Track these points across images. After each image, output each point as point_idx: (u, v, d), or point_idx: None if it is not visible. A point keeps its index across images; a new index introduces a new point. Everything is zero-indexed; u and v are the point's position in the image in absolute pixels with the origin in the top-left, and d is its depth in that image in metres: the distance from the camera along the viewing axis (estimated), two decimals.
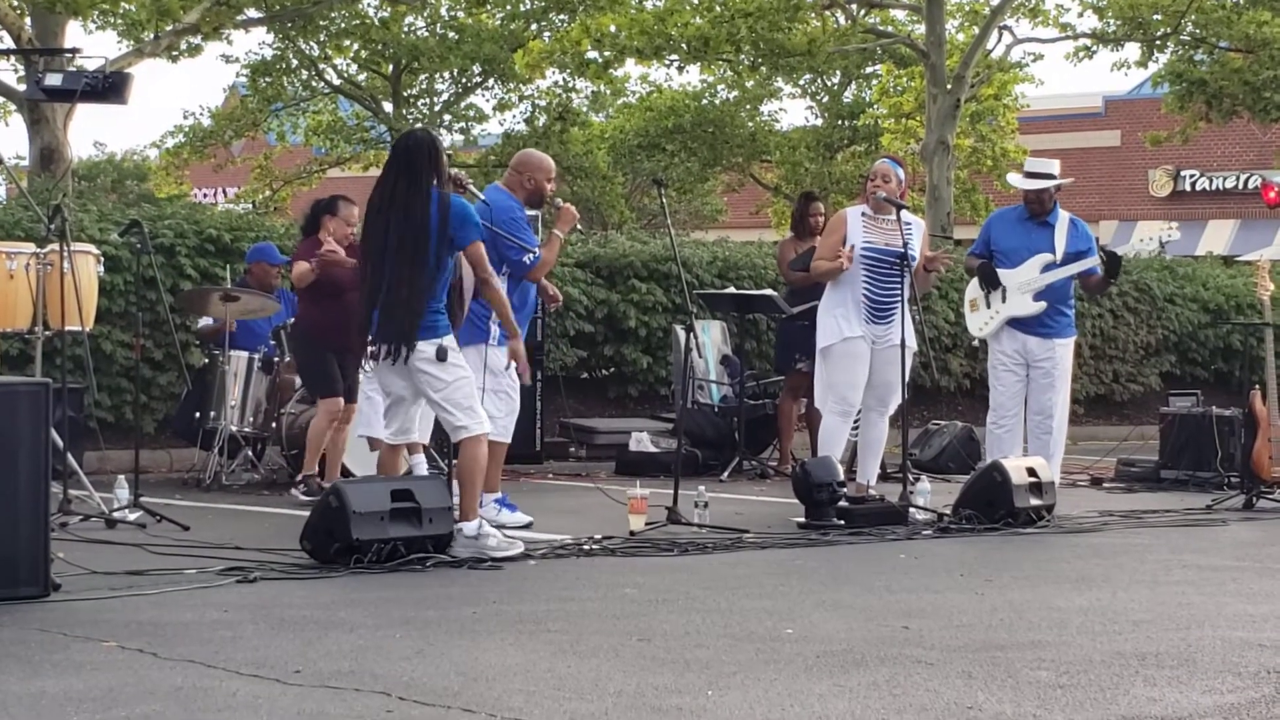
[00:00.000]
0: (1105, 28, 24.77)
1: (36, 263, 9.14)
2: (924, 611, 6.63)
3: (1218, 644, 5.97)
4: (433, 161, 8.13)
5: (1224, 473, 12.40)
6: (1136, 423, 17.58)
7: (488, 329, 9.30)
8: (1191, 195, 39.15)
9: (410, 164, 8.15)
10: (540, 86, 33.43)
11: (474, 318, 9.23)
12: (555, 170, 9.81)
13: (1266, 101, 24.31)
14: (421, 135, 8.43)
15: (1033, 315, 10.70)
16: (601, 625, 6.24)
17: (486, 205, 8.99)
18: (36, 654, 5.48)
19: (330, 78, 34.31)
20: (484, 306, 9.16)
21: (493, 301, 8.68)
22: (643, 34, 22.43)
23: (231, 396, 11.34)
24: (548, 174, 9.53)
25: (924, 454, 13.69)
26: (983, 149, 31.30)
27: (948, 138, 23.23)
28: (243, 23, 23.09)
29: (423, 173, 8.10)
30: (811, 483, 9.42)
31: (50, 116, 18.85)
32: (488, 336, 9.32)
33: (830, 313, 10.20)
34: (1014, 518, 9.50)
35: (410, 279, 8.05)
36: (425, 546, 7.69)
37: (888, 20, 30.09)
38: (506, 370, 9.22)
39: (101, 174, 48.97)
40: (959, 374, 17.41)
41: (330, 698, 4.86)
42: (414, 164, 8.13)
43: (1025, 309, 10.72)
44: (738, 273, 15.92)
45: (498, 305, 8.68)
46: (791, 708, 4.82)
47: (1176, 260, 21.30)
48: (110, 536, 8.53)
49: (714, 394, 13.90)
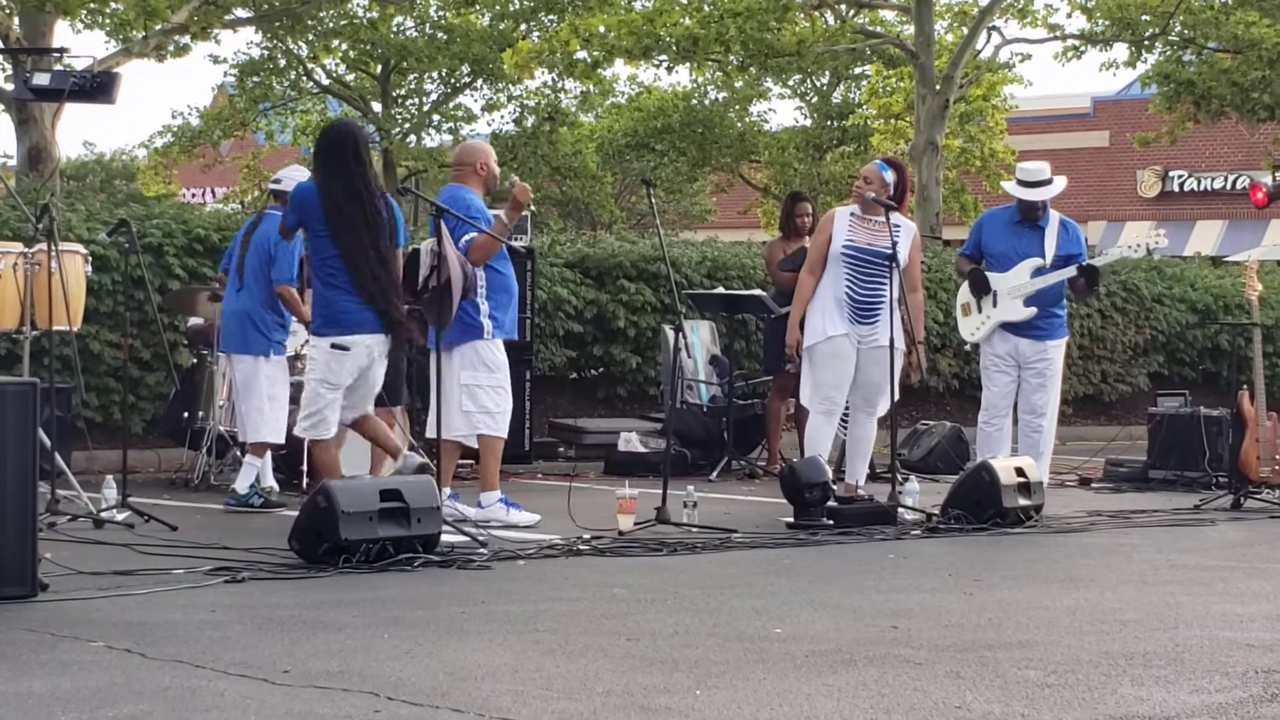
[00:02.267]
0: (1094, 28, 24.78)
1: (24, 262, 9.13)
2: (912, 611, 6.63)
3: (1205, 644, 5.98)
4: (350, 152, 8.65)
5: (1212, 473, 12.42)
6: (1125, 423, 17.59)
7: (481, 324, 9.34)
8: (1179, 196, 39.21)
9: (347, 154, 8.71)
10: (529, 87, 33.45)
11: (464, 315, 9.26)
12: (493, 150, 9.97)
13: (1254, 102, 24.34)
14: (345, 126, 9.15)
15: (1024, 319, 10.73)
16: (590, 625, 6.24)
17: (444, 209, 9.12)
18: (24, 654, 5.47)
19: (319, 78, 34.28)
20: (473, 304, 9.20)
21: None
22: (631, 34, 22.41)
23: (220, 396, 11.31)
24: (488, 155, 9.70)
25: (913, 454, 13.70)
26: (971, 149, 31.32)
27: (936, 138, 23.24)
28: (231, 22, 23.07)
29: (332, 163, 8.67)
30: (800, 483, 9.42)
31: (38, 116, 18.81)
32: (481, 332, 9.36)
33: (814, 312, 10.21)
34: (1002, 518, 9.50)
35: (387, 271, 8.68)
36: (414, 546, 7.68)
37: (877, 21, 30.10)
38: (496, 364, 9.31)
39: (90, 174, 48.88)
40: (948, 374, 17.42)
41: (318, 698, 4.86)
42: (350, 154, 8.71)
43: (1016, 314, 10.75)
44: (726, 273, 15.93)
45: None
46: (780, 707, 4.82)
47: (1165, 261, 21.32)
48: (98, 536, 8.52)
49: (703, 394, 13.90)
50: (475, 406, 9.38)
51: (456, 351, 9.37)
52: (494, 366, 9.40)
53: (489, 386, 9.38)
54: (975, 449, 12.67)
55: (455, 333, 9.30)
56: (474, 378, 9.38)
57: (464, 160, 9.69)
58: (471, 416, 9.39)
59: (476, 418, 9.38)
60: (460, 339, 9.34)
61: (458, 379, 9.37)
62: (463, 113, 35.49)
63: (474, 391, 9.39)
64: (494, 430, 9.42)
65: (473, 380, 9.38)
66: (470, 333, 9.33)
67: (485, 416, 9.39)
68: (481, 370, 9.39)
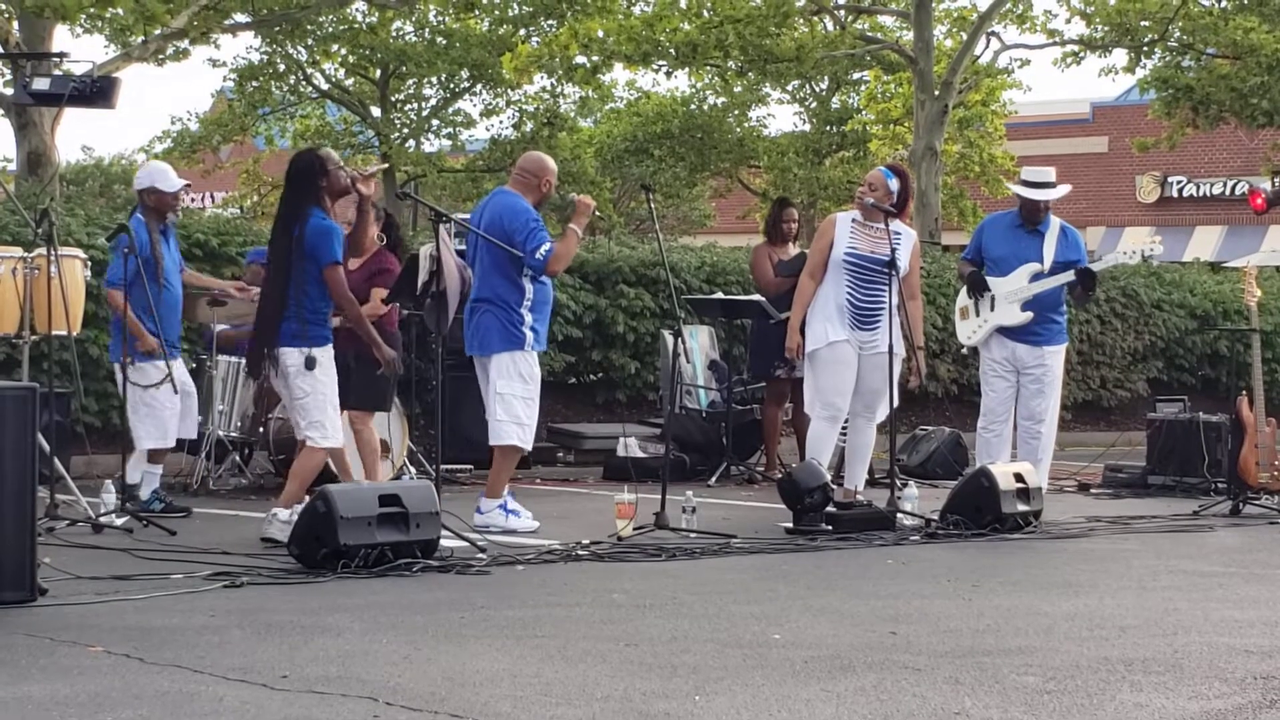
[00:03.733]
0: (1093, 34, 24.78)
1: (23, 267, 9.13)
2: (911, 617, 6.63)
3: (1204, 650, 5.98)
4: (314, 181, 8.73)
5: (1211, 478, 12.42)
6: (1124, 428, 17.59)
7: (523, 335, 9.36)
8: (1179, 201, 39.22)
9: (290, 184, 8.85)
10: (528, 92, 33.45)
11: (509, 324, 9.30)
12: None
13: (1253, 108, 24.34)
14: (305, 156, 9.01)
15: (1020, 324, 10.73)
16: (589, 630, 6.24)
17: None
18: (23, 658, 5.47)
19: (318, 82, 34.28)
20: (519, 314, 9.24)
21: (353, 321, 9.01)
22: (630, 40, 22.41)
23: (219, 401, 11.32)
24: (553, 173, 9.74)
25: (912, 459, 13.70)
26: (970, 155, 31.33)
27: (935, 144, 23.23)
28: (230, 27, 23.04)
29: (302, 193, 8.73)
30: (799, 488, 9.41)
31: (37, 121, 18.79)
32: (523, 343, 9.38)
33: (815, 317, 10.21)
34: (1001, 523, 9.50)
35: (271, 293, 8.75)
36: (412, 551, 7.68)
37: (876, 26, 30.11)
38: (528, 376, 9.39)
39: (90, 178, 48.86)
40: (946, 380, 17.42)
41: (317, 703, 4.86)
42: (293, 184, 8.81)
43: (1012, 318, 10.75)
44: (725, 278, 15.92)
45: (358, 325, 9.02)
46: (779, 713, 4.82)
47: (1164, 266, 21.32)
48: (97, 541, 8.52)
49: (702, 399, 13.89)
50: (508, 416, 9.40)
51: (495, 360, 9.40)
52: (529, 378, 9.45)
53: (523, 398, 9.43)
54: (974, 455, 12.69)
55: (497, 340, 9.35)
56: (509, 387, 9.40)
57: (531, 171, 9.67)
58: (503, 425, 9.41)
59: (508, 427, 9.41)
60: (502, 347, 9.37)
61: (493, 387, 9.41)
62: (462, 118, 35.49)
63: (509, 401, 9.41)
64: (523, 442, 9.46)
65: (508, 390, 9.41)
66: (512, 342, 9.37)
67: (516, 427, 9.42)
68: (517, 381, 9.41)
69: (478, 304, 9.46)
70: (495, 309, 9.40)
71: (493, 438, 9.48)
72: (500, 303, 9.40)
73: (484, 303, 9.43)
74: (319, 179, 8.78)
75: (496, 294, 9.40)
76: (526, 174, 9.65)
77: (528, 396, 9.45)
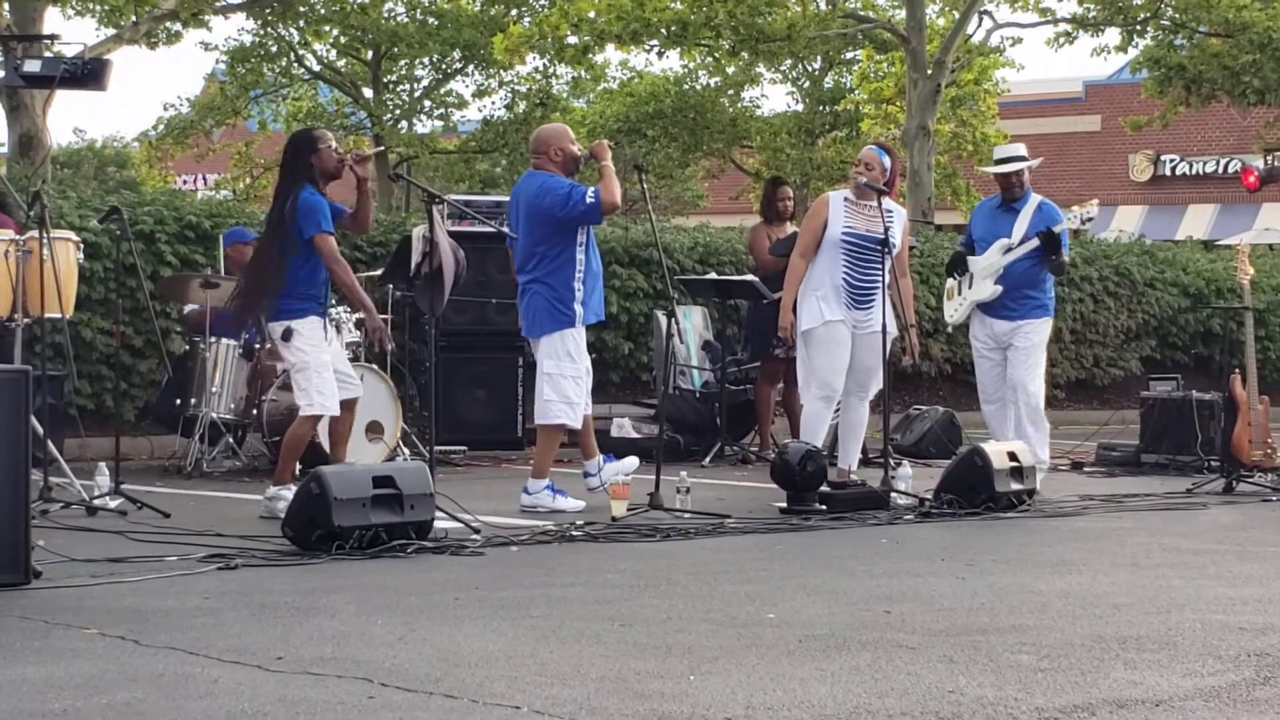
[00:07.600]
0: (1085, 12, 24.75)
1: (16, 249, 9.11)
2: (905, 595, 6.64)
3: (1198, 627, 5.99)
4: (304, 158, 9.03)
5: (1204, 457, 12.44)
6: (1117, 407, 17.61)
7: (573, 312, 9.36)
8: (1171, 180, 39.23)
9: (283, 161, 9.27)
10: (520, 72, 33.40)
11: (558, 302, 9.30)
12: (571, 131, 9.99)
13: (1246, 86, 24.32)
14: (298, 134, 9.47)
15: (992, 298, 10.78)
16: (583, 611, 6.24)
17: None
18: (17, 641, 5.47)
19: (310, 64, 34.23)
20: (570, 289, 9.23)
21: (345, 287, 9.09)
22: (620, 19, 22.35)
23: (212, 383, 11.31)
24: (568, 137, 9.71)
25: (905, 439, 13.71)
26: (963, 134, 31.28)
27: (928, 123, 23.21)
28: (222, 8, 23.04)
29: (294, 169, 9.06)
30: (792, 468, 9.42)
31: (29, 103, 18.77)
32: (573, 320, 9.38)
33: (809, 297, 10.20)
34: (995, 502, 9.52)
35: (258, 264, 9.15)
36: (407, 533, 7.68)
37: (868, 5, 30.06)
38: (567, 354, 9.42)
39: (83, 161, 48.80)
40: (940, 359, 17.43)
41: (312, 684, 4.86)
42: (286, 161, 9.21)
43: (985, 293, 10.83)
44: (719, 258, 15.93)
45: (350, 291, 9.12)
46: (773, 692, 4.83)
47: (1156, 245, 21.33)
48: (91, 524, 8.52)
49: (695, 379, 13.89)
50: (557, 396, 9.41)
51: (544, 341, 9.40)
52: (576, 356, 9.47)
53: (571, 376, 9.44)
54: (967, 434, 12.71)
55: (548, 321, 9.34)
56: (558, 367, 9.41)
57: (538, 149, 9.69)
58: (552, 405, 9.42)
59: (558, 406, 9.42)
60: (553, 327, 9.37)
61: (541, 367, 9.43)
62: (454, 98, 35.46)
63: (557, 381, 9.42)
64: (572, 421, 9.48)
65: (556, 370, 9.41)
66: (562, 321, 9.37)
67: (565, 406, 9.44)
68: (565, 360, 9.42)
69: (529, 285, 9.47)
70: (545, 288, 9.39)
71: (539, 416, 9.51)
72: (550, 281, 9.38)
73: (534, 283, 9.44)
74: (309, 156, 9.00)
75: (546, 272, 9.39)
76: (536, 154, 9.69)
77: (575, 375, 9.46)
